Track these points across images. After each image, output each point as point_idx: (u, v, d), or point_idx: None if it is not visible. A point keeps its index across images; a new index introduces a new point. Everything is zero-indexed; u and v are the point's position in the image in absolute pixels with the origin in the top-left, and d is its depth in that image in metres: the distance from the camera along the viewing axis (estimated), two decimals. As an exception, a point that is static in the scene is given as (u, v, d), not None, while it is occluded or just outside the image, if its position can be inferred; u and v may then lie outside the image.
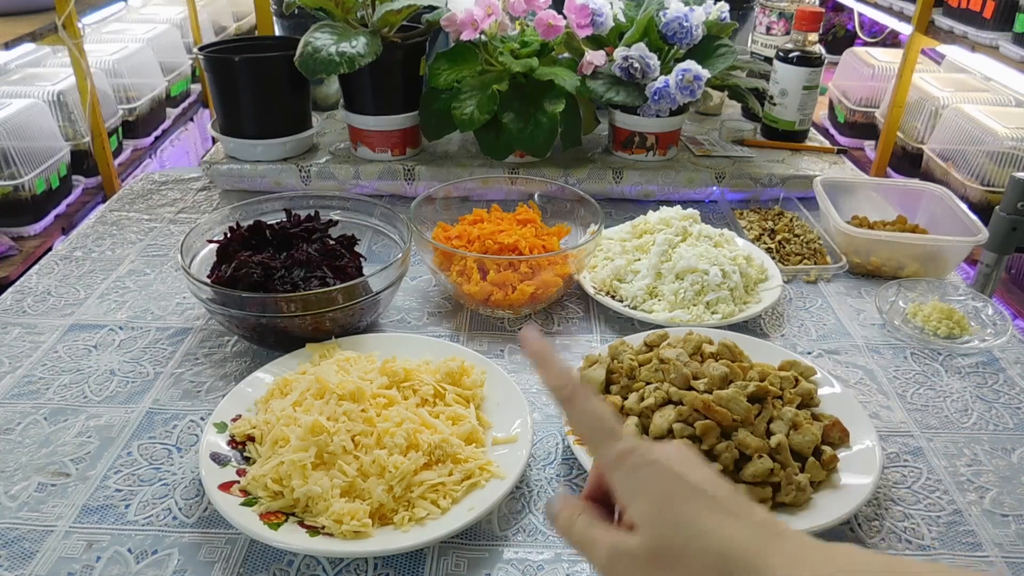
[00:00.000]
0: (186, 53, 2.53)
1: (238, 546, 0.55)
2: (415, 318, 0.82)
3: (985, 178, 1.57)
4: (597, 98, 1.04)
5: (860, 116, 2.15)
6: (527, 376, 0.73)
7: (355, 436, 0.58)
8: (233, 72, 1.02)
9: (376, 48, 0.97)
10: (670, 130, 1.08)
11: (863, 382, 0.74)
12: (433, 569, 0.53)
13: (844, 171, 1.12)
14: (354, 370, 0.65)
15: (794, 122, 1.17)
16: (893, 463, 0.64)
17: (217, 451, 0.59)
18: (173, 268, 0.91)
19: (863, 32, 2.78)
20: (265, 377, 0.67)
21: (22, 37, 1.55)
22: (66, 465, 0.61)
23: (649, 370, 0.64)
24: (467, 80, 1.01)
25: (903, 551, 0.55)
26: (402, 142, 1.09)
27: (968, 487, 0.62)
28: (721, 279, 0.80)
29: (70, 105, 1.79)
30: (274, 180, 1.08)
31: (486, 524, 0.57)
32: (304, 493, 0.54)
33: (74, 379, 0.71)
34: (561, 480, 0.61)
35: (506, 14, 1.00)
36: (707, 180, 1.08)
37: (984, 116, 1.63)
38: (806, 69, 1.12)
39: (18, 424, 0.66)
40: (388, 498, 0.54)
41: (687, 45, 1.04)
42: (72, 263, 0.91)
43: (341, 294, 0.70)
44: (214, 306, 0.70)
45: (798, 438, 0.58)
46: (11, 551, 0.54)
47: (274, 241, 0.79)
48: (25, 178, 1.58)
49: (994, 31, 1.52)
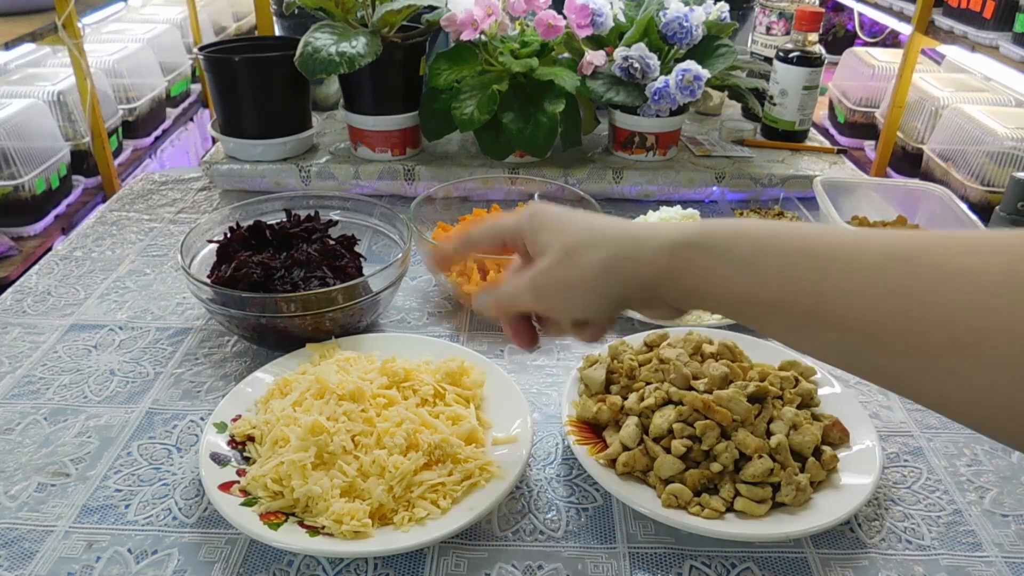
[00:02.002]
0: (186, 53, 2.54)
1: (238, 546, 0.55)
2: (415, 318, 0.82)
3: (985, 178, 1.57)
4: (597, 98, 1.04)
5: (860, 116, 2.15)
6: (527, 376, 0.73)
7: (355, 436, 0.58)
8: (233, 72, 1.02)
9: (376, 48, 0.97)
10: (670, 130, 1.08)
11: (863, 382, 0.74)
12: (433, 569, 0.53)
13: (844, 171, 1.12)
14: (354, 370, 0.65)
15: (794, 122, 1.17)
16: (893, 463, 0.64)
17: (217, 451, 0.59)
18: (173, 268, 0.91)
19: (863, 32, 2.78)
20: (265, 377, 0.67)
21: (22, 37, 1.55)
22: (66, 465, 0.61)
23: (649, 370, 0.64)
24: (467, 80, 1.01)
25: (903, 551, 0.55)
26: (402, 142, 1.09)
27: (968, 487, 0.62)
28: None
29: (70, 105, 1.79)
30: (274, 180, 1.08)
31: (486, 524, 0.57)
32: (304, 493, 0.54)
33: (74, 379, 0.71)
34: (561, 480, 0.61)
35: (506, 14, 1.00)
36: (707, 180, 1.08)
37: (984, 116, 1.63)
38: (806, 69, 1.12)
39: (18, 424, 0.66)
40: (388, 498, 0.54)
41: (687, 45, 1.04)
42: (72, 263, 0.92)
43: (341, 294, 0.70)
44: (214, 306, 0.70)
45: (798, 438, 0.58)
46: (11, 551, 0.54)
47: (274, 241, 0.79)
48: (25, 178, 1.58)
49: (994, 31, 1.52)
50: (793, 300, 0.33)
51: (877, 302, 0.30)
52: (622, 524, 0.57)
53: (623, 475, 0.58)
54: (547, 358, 0.76)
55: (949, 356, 0.28)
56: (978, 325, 0.27)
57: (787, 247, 0.33)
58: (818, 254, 0.32)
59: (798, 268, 0.33)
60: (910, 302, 0.29)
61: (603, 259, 0.40)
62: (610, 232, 0.41)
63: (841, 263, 0.31)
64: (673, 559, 0.54)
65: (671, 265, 0.38)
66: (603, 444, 0.61)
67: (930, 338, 0.29)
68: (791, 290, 0.33)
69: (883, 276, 0.30)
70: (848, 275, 0.31)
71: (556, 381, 0.72)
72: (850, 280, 0.31)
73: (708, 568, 0.54)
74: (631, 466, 0.58)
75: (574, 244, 0.42)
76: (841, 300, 0.31)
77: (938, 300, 0.28)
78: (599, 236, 0.41)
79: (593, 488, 0.60)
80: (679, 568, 0.54)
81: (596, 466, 0.58)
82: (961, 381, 0.28)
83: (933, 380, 0.29)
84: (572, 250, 0.41)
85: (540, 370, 0.74)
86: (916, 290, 0.29)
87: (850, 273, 0.31)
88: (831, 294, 0.31)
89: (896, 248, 0.30)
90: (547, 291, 0.43)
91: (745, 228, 0.36)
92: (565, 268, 0.42)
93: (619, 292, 0.41)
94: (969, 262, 0.28)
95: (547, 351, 0.77)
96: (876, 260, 0.30)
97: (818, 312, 0.32)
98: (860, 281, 0.31)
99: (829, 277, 0.31)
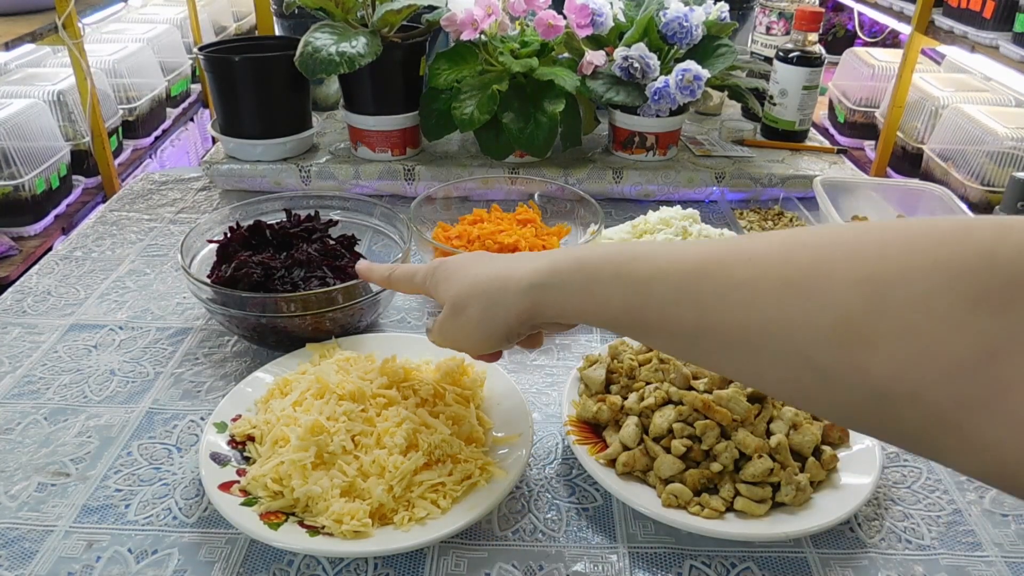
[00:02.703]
0: (186, 53, 2.53)
1: (238, 546, 0.55)
2: (415, 318, 0.82)
3: (985, 178, 1.57)
4: (597, 98, 1.04)
5: (860, 116, 2.15)
6: (527, 376, 0.73)
7: (355, 436, 0.58)
8: (233, 72, 1.02)
9: (376, 48, 0.97)
10: (670, 130, 1.08)
11: (863, 382, 0.74)
12: (433, 569, 0.53)
13: (844, 171, 1.12)
14: (354, 370, 0.65)
15: (794, 122, 1.17)
16: (893, 463, 0.64)
17: (217, 451, 0.59)
18: (173, 268, 0.91)
19: (863, 32, 2.78)
20: (265, 377, 0.67)
21: (22, 37, 1.55)
22: (66, 465, 0.62)
23: (649, 370, 0.64)
24: (467, 80, 1.01)
25: (903, 551, 0.55)
26: (402, 142, 1.09)
27: (968, 487, 0.62)
28: None
29: (70, 105, 1.79)
30: (274, 180, 1.08)
31: (486, 524, 0.57)
32: (304, 493, 0.54)
33: (74, 379, 0.71)
34: (561, 480, 0.61)
35: (506, 14, 1.00)
36: (707, 180, 1.08)
37: (984, 116, 1.63)
38: (806, 69, 1.12)
39: (18, 424, 0.66)
40: (388, 498, 0.54)
41: (687, 45, 1.04)
42: (72, 263, 0.92)
43: (341, 294, 0.70)
44: (214, 306, 0.70)
45: (798, 438, 0.58)
46: (11, 551, 0.54)
47: (274, 241, 0.79)
48: (25, 178, 1.58)
49: (994, 31, 1.52)
50: (626, 315, 0.40)
51: (684, 312, 0.37)
52: (622, 524, 0.57)
53: (623, 475, 0.58)
54: (547, 358, 0.76)
55: (737, 350, 0.35)
56: (753, 324, 0.33)
57: (611, 273, 0.41)
58: (637, 278, 0.39)
59: (624, 291, 0.40)
60: (706, 311, 0.36)
61: (480, 311, 0.49)
62: (483, 284, 0.49)
63: (656, 283, 0.38)
64: (673, 559, 0.54)
65: (531, 304, 0.46)
66: (603, 444, 0.61)
67: (725, 337, 0.35)
68: (620, 308, 0.40)
69: (687, 293, 0.37)
70: (662, 295, 0.38)
71: (556, 381, 0.72)
72: (664, 297, 0.38)
73: (708, 568, 0.54)
74: (631, 466, 0.58)
75: (457, 299, 0.50)
76: (658, 312, 0.38)
77: (725, 306, 0.35)
78: (476, 289, 0.49)
79: (593, 488, 0.60)
80: (679, 568, 0.54)
81: (596, 466, 0.58)
82: (752, 369, 0.35)
83: (741, 370, 0.36)
84: (456, 305, 0.50)
85: (540, 370, 0.74)
86: (711, 299, 0.35)
87: (664, 294, 0.38)
88: (652, 307, 0.39)
89: (702, 265, 0.36)
90: (447, 338, 0.53)
91: (583, 260, 0.43)
92: (453, 321, 0.51)
93: (501, 332, 0.49)
94: (750, 273, 0.34)
95: (547, 351, 0.77)
96: (680, 281, 0.37)
97: (647, 322, 0.39)
98: (672, 296, 0.38)
99: (651, 296, 0.39)
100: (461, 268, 0.51)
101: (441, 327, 0.53)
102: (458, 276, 0.51)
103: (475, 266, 0.51)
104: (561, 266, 0.44)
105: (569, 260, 0.44)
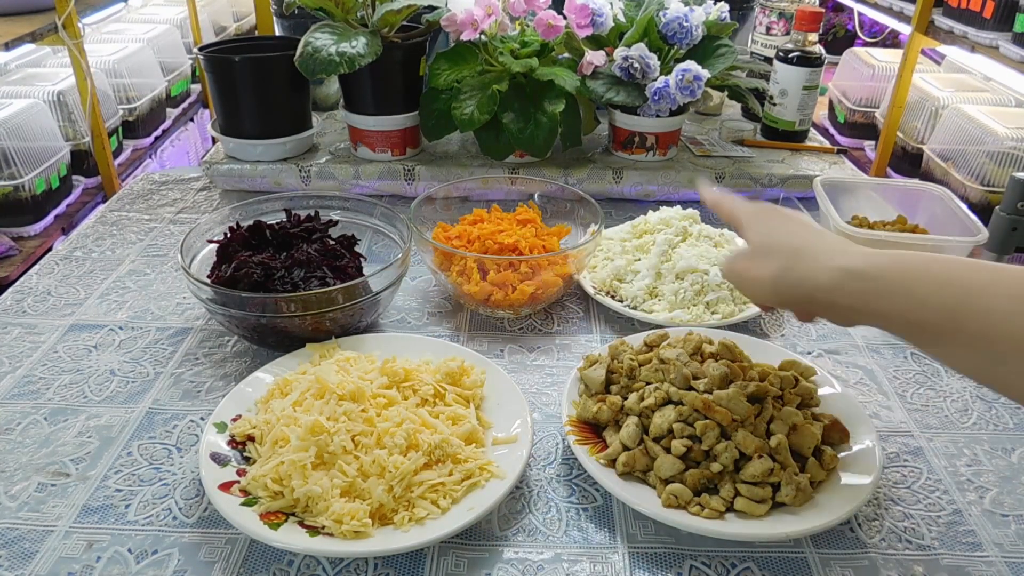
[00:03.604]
0: (186, 53, 2.53)
1: (238, 546, 0.55)
2: (415, 318, 0.82)
3: (985, 178, 1.57)
4: (597, 98, 1.04)
5: (860, 116, 2.15)
6: (527, 376, 0.73)
7: (355, 436, 0.58)
8: (233, 72, 1.02)
9: (376, 48, 0.97)
10: (670, 130, 1.08)
11: (863, 382, 0.74)
12: (433, 569, 0.53)
13: (844, 171, 1.12)
14: (354, 370, 0.65)
15: (794, 122, 1.17)
16: (893, 463, 0.64)
17: (217, 451, 0.59)
18: (173, 268, 0.91)
19: (863, 32, 2.78)
20: (265, 377, 0.67)
21: (22, 37, 1.55)
22: (66, 465, 0.62)
23: (649, 370, 0.64)
24: (467, 80, 1.01)
25: (903, 551, 0.55)
26: (402, 142, 1.09)
27: (968, 487, 0.62)
28: (721, 279, 0.80)
29: (70, 105, 1.79)
30: (274, 180, 1.08)
31: (486, 524, 0.57)
32: (304, 493, 0.54)
33: (74, 379, 0.71)
34: (561, 480, 0.61)
35: (506, 14, 1.00)
36: (707, 180, 1.08)
37: (984, 116, 1.63)
38: (806, 69, 1.12)
39: (18, 424, 0.66)
40: (388, 498, 0.54)
41: (687, 45, 1.04)
42: (72, 263, 0.92)
43: (341, 294, 0.70)
44: (214, 306, 0.70)
45: (798, 438, 0.58)
46: (11, 551, 0.54)
47: (274, 241, 0.79)
48: (25, 178, 1.58)
49: (994, 31, 1.52)
50: (951, 321, 0.41)
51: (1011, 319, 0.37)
52: (622, 524, 0.57)
53: (623, 475, 0.58)
54: (547, 358, 0.76)
55: None
56: None
57: (942, 276, 0.42)
58: (971, 283, 0.40)
59: (941, 295, 0.41)
60: None
61: (778, 267, 0.51)
62: (796, 243, 0.51)
63: (976, 288, 0.39)
64: (673, 559, 0.54)
65: (834, 287, 0.47)
66: (603, 444, 0.61)
67: None
68: (936, 310, 0.41)
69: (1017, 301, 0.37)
70: (984, 301, 0.39)
71: (556, 381, 0.72)
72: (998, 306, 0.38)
73: (708, 568, 0.54)
74: (631, 466, 0.58)
75: (762, 246, 0.53)
76: (979, 319, 0.39)
77: None
78: (785, 246, 0.51)
79: (593, 488, 0.60)
80: (679, 568, 0.54)
81: (596, 466, 0.58)
82: None
83: None
84: (758, 250, 0.53)
85: (540, 370, 0.74)
86: None
87: (988, 303, 0.39)
88: (971, 314, 0.39)
89: None
90: (734, 274, 0.55)
91: (902, 258, 0.45)
92: (750, 262, 0.54)
93: (785, 293, 0.51)
94: None
95: (547, 351, 0.77)
96: (1010, 288, 0.38)
97: (958, 330, 0.40)
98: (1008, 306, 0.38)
99: (970, 300, 0.39)
100: (781, 222, 0.54)
101: (734, 263, 0.55)
102: (774, 223, 0.54)
103: (792, 224, 0.53)
104: (878, 260, 0.46)
105: (883, 257, 0.46)
